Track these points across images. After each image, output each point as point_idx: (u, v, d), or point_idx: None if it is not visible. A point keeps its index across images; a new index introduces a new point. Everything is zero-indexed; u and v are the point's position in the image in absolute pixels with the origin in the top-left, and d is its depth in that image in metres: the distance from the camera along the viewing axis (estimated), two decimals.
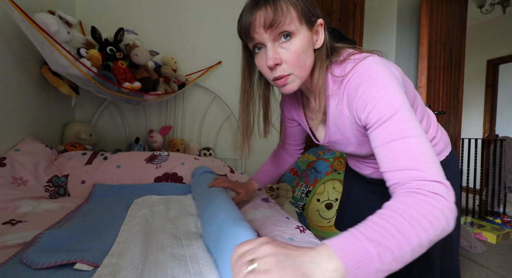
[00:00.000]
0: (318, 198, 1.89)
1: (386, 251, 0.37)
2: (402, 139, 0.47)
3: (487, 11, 3.10)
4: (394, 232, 0.39)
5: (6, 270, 0.48)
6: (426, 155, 0.46)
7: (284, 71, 0.57)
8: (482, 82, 3.84)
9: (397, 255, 0.38)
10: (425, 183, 0.43)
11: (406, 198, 0.43)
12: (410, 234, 0.39)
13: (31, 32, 0.92)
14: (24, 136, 1.08)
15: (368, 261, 0.37)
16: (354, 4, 2.38)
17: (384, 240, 0.38)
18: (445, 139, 0.76)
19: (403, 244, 0.38)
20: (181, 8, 1.68)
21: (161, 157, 1.25)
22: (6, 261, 0.52)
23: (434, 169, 0.45)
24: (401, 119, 0.48)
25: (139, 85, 1.21)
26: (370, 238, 0.38)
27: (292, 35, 0.55)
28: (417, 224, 0.39)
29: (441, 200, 0.42)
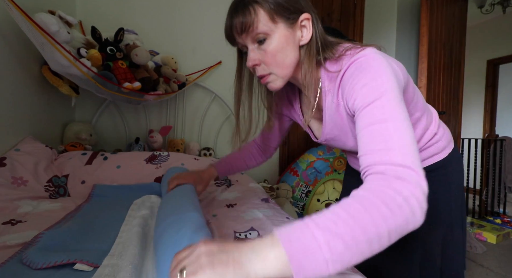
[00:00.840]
0: (318, 198, 1.89)
1: (336, 239, 0.34)
2: (381, 123, 0.45)
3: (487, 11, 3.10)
4: (347, 219, 0.36)
5: (6, 270, 0.48)
6: (402, 140, 0.43)
7: (264, 71, 0.58)
8: (482, 82, 3.84)
9: (350, 244, 0.34)
10: (394, 168, 0.41)
11: (369, 184, 0.41)
12: (366, 221, 0.36)
13: (31, 32, 0.92)
14: (24, 136, 1.08)
15: (315, 249, 0.34)
16: (354, 4, 2.38)
17: (335, 227, 0.35)
18: (447, 136, 0.75)
19: (357, 232, 0.35)
20: (181, 8, 1.68)
21: (161, 157, 1.25)
22: (6, 261, 0.52)
23: (408, 154, 0.42)
24: (384, 104, 0.46)
25: (139, 85, 1.21)
26: (319, 225, 0.35)
27: (267, 37, 0.55)
28: (374, 211, 0.36)
29: (408, 187, 0.39)
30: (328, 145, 0.74)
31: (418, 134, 0.67)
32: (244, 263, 0.34)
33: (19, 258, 0.52)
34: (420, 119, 0.66)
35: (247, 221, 0.81)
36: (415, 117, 0.65)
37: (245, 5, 0.54)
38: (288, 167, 1.97)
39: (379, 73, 0.49)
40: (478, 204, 2.74)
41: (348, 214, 0.37)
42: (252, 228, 0.76)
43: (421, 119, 0.67)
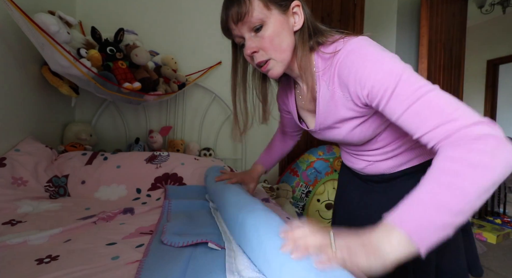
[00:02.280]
0: (318, 199, 1.89)
1: (444, 206, 0.39)
2: (420, 99, 0.45)
3: (487, 11, 3.09)
4: (451, 187, 0.39)
5: (156, 247, 0.59)
6: (451, 104, 0.44)
7: (262, 57, 0.60)
8: (482, 82, 3.83)
9: (457, 208, 0.39)
10: (466, 130, 0.41)
11: (452, 153, 0.42)
12: (464, 184, 0.39)
13: (31, 33, 0.92)
14: (24, 136, 1.08)
15: (429, 220, 0.39)
16: (354, 4, 2.38)
17: (441, 196, 0.40)
18: None
19: (463, 196, 0.39)
20: (181, 9, 1.68)
21: (161, 157, 1.25)
22: (149, 244, 0.62)
23: (466, 113, 0.43)
24: (409, 81, 0.46)
25: (139, 85, 1.21)
26: (424, 199, 0.41)
27: (263, 24, 0.58)
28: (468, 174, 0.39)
29: (489, 140, 0.40)
30: (321, 136, 0.74)
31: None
32: (380, 249, 0.40)
33: (157, 240, 0.63)
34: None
35: None
36: None
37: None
38: (288, 167, 1.97)
39: (382, 56, 0.49)
40: None
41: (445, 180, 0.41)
42: None
43: None
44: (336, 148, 2.03)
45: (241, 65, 0.71)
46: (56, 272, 0.49)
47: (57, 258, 0.55)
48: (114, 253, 0.58)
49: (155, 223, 0.77)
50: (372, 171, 0.75)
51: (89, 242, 0.64)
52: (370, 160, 0.73)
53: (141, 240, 0.66)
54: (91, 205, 0.94)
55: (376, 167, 0.73)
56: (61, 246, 0.61)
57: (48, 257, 0.55)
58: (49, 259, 0.55)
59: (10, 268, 0.51)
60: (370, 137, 0.67)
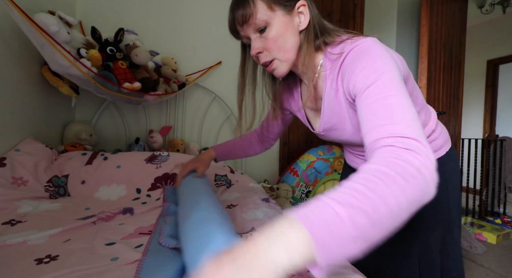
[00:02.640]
0: None
1: (358, 213, 0.32)
2: (383, 100, 0.45)
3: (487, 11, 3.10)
4: (366, 192, 0.34)
5: (155, 248, 0.59)
6: (406, 114, 0.43)
7: (267, 57, 0.61)
8: (482, 82, 3.83)
9: (373, 218, 0.32)
10: (401, 139, 0.40)
11: (378, 158, 0.39)
12: (385, 192, 0.34)
13: (31, 33, 0.92)
14: (24, 136, 1.08)
15: (339, 226, 0.31)
16: (354, 4, 2.38)
17: (356, 201, 0.33)
18: (445, 135, 0.75)
19: (378, 204, 0.33)
20: (181, 8, 1.68)
21: (161, 157, 1.25)
22: (148, 244, 0.62)
23: (413, 127, 0.42)
24: (385, 83, 0.47)
25: (139, 85, 1.21)
26: (339, 201, 0.33)
27: (267, 25, 0.59)
28: (391, 182, 0.35)
29: (418, 158, 0.37)
30: (326, 137, 0.74)
31: None
32: (266, 264, 0.29)
33: (156, 241, 0.63)
34: (419, 114, 0.67)
35: (248, 222, 0.81)
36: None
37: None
38: (288, 167, 1.97)
39: (379, 57, 0.50)
40: (478, 204, 2.74)
41: (365, 187, 0.34)
42: (253, 229, 0.76)
43: (420, 114, 0.67)
44: (336, 148, 2.03)
45: (250, 64, 0.72)
46: (55, 272, 0.49)
47: (57, 258, 0.55)
48: (113, 254, 0.58)
49: (154, 224, 0.77)
50: None
51: (88, 242, 0.64)
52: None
53: (140, 240, 0.66)
54: (91, 205, 0.94)
55: None
56: (60, 246, 0.61)
57: (48, 257, 0.56)
58: (49, 259, 0.55)
59: (9, 268, 0.51)
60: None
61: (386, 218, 0.33)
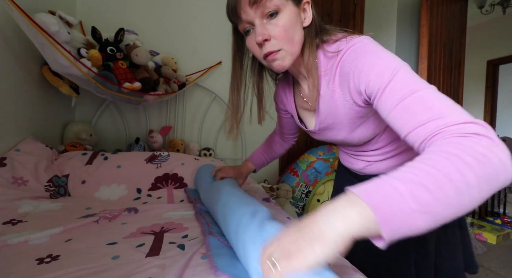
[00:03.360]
0: (318, 199, 1.89)
1: (419, 188, 0.31)
2: (412, 95, 0.42)
3: (487, 11, 3.10)
4: (427, 169, 0.33)
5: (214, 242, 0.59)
6: (445, 103, 0.40)
7: (273, 47, 0.56)
8: (482, 82, 3.83)
9: (436, 193, 0.31)
10: (458, 126, 0.37)
11: (441, 143, 0.36)
12: (449, 169, 0.32)
13: (32, 32, 0.92)
14: (24, 136, 1.08)
15: (399, 200, 0.31)
16: (354, 4, 2.38)
17: (417, 178, 0.32)
18: None
19: (441, 181, 0.31)
20: (181, 8, 1.68)
21: (161, 157, 1.25)
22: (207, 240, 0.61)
23: (459, 112, 0.39)
24: (404, 77, 0.45)
25: (139, 85, 1.21)
26: (398, 178, 0.33)
27: (279, 11, 0.55)
28: (456, 160, 0.33)
29: (482, 138, 0.35)
30: (320, 136, 0.73)
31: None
32: (325, 231, 0.32)
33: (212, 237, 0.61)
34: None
35: None
36: None
37: None
38: (288, 167, 1.97)
39: (382, 53, 0.49)
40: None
41: (427, 164, 0.33)
42: None
43: None
44: (336, 148, 2.03)
45: (245, 58, 0.69)
46: (56, 272, 0.49)
47: (58, 258, 0.55)
48: (115, 253, 0.58)
49: (156, 223, 0.77)
50: (371, 171, 0.74)
51: (89, 241, 0.64)
52: (370, 160, 0.73)
53: (142, 240, 0.66)
54: (92, 205, 0.94)
55: (376, 167, 0.73)
56: (61, 246, 0.61)
57: (49, 257, 0.56)
58: (50, 259, 0.55)
59: (10, 267, 0.51)
60: (370, 137, 0.67)
61: (452, 194, 0.32)
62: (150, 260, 0.55)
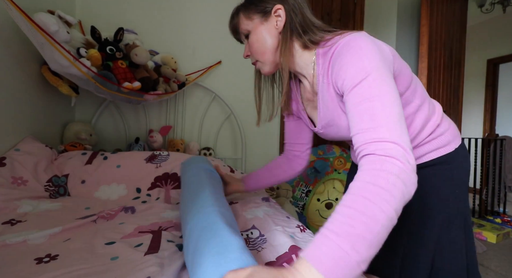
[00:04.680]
0: (318, 198, 1.89)
1: (358, 240, 0.37)
2: (368, 102, 0.47)
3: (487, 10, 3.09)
4: (360, 217, 0.39)
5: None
6: (389, 116, 0.46)
7: (252, 59, 0.72)
8: (482, 81, 3.83)
9: (370, 239, 0.38)
10: (382, 144, 0.44)
11: (363, 172, 0.44)
12: (375, 212, 0.39)
13: (31, 32, 0.92)
14: (24, 136, 1.08)
15: (345, 258, 0.37)
16: (354, 4, 2.37)
17: (353, 230, 0.38)
18: (453, 131, 0.72)
19: (372, 226, 0.38)
20: (181, 8, 1.68)
21: (161, 157, 1.25)
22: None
23: (394, 129, 0.45)
24: (371, 83, 0.48)
25: (139, 85, 1.21)
26: (339, 234, 0.38)
27: (249, 33, 0.69)
28: (378, 199, 0.39)
29: (397, 163, 0.42)
30: (326, 134, 0.73)
31: (418, 124, 0.66)
32: None
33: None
34: (421, 108, 0.66)
35: (248, 220, 0.81)
36: (414, 105, 0.65)
37: (233, 13, 0.72)
38: None
39: (365, 52, 0.51)
40: (478, 204, 2.74)
41: (357, 211, 0.39)
42: (253, 227, 0.76)
43: (422, 108, 0.66)
44: (336, 148, 2.03)
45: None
46: (55, 272, 0.49)
47: (57, 258, 0.55)
48: (113, 253, 0.58)
49: (154, 222, 0.77)
50: None
51: (88, 241, 0.64)
52: None
53: (140, 240, 0.66)
54: (91, 204, 0.94)
55: None
56: (60, 246, 0.61)
57: (48, 257, 0.56)
58: (48, 259, 0.55)
59: (9, 267, 0.51)
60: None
61: (381, 233, 0.39)
62: (149, 258, 0.55)
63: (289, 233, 0.71)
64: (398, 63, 0.59)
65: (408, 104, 0.64)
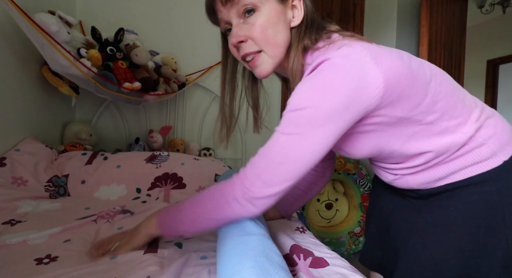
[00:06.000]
0: (318, 198, 1.89)
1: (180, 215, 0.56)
2: (279, 133, 0.48)
3: (487, 11, 3.09)
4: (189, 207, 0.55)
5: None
6: (279, 155, 0.47)
7: (251, 48, 0.51)
8: (482, 82, 3.83)
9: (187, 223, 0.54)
10: (250, 174, 0.49)
11: (229, 180, 0.53)
12: (197, 209, 0.54)
13: (31, 32, 0.92)
14: (24, 136, 1.08)
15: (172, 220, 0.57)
16: (354, 4, 2.38)
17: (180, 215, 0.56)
18: (501, 137, 0.53)
19: (194, 216, 0.54)
20: (181, 8, 1.68)
21: (161, 157, 1.25)
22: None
23: (271, 170, 0.47)
24: (293, 116, 0.46)
25: (139, 85, 1.21)
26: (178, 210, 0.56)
27: (256, 9, 0.50)
28: (206, 202, 0.53)
29: (246, 191, 0.48)
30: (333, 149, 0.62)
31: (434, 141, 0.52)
32: (140, 232, 0.59)
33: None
34: (434, 123, 0.51)
35: None
36: (426, 121, 0.51)
37: None
38: None
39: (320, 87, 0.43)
40: None
41: (190, 204, 0.55)
42: None
43: (437, 123, 0.51)
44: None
45: (230, 59, 0.63)
46: (54, 272, 0.49)
47: (56, 258, 0.55)
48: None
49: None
50: (403, 186, 0.62)
51: (87, 242, 0.64)
52: (397, 174, 0.61)
53: None
54: (91, 204, 0.94)
55: (406, 182, 0.60)
56: (60, 246, 0.61)
57: (47, 257, 0.55)
58: (48, 260, 0.55)
59: (9, 267, 0.51)
60: (377, 153, 0.56)
61: (199, 222, 0.54)
62: (149, 258, 0.55)
63: (289, 235, 0.71)
64: (398, 89, 0.46)
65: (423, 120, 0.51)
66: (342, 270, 0.55)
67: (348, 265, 0.58)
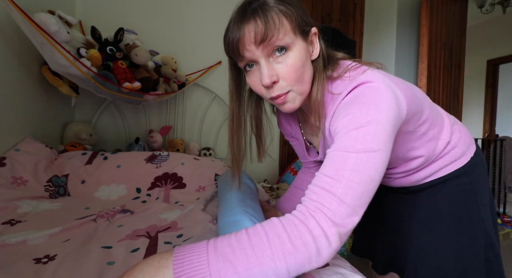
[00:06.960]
0: None
1: (228, 267, 0.35)
2: (345, 152, 0.43)
3: (487, 11, 3.09)
4: (246, 248, 0.36)
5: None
6: (355, 175, 0.41)
7: (282, 90, 0.51)
8: (482, 82, 3.84)
9: (242, 274, 0.35)
10: (325, 199, 0.40)
11: (292, 213, 0.41)
12: (264, 254, 0.36)
13: (31, 32, 0.92)
14: (24, 136, 1.08)
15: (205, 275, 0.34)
16: (354, 4, 2.38)
17: (232, 255, 0.36)
18: (465, 140, 0.67)
19: (252, 264, 0.35)
20: (181, 8, 1.68)
21: (161, 157, 1.25)
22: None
23: (351, 191, 0.40)
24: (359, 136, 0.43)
25: (139, 85, 1.21)
26: (217, 250, 0.36)
27: (288, 48, 0.49)
28: (277, 245, 0.36)
29: (324, 224, 0.38)
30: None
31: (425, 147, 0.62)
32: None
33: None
34: (426, 132, 0.61)
35: None
36: (421, 132, 0.60)
37: (265, 11, 0.47)
38: (288, 167, 1.97)
39: (371, 105, 0.45)
40: None
41: (249, 242, 0.37)
42: None
43: (428, 132, 0.61)
44: None
45: (243, 93, 0.62)
46: (54, 272, 0.49)
47: (55, 258, 0.55)
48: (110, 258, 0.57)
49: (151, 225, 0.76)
50: (396, 185, 0.73)
51: (87, 243, 0.64)
52: (392, 177, 0.71)
53: (137, 243, 0.64)
54: (91, 204, 0.93)
55: (399, 182, 0.71)
56: (59, 246, 0.61)
57: (46, 257, 0.55)
58: (47, 259, 0.55)
59: (8, 267, 0.51)
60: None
61: (257, 276, 0.35)
62: None
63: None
64: (415, 107, 0.54)
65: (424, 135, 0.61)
66: (342, 270, 0.55)
67: (348, 265, 0.58)
